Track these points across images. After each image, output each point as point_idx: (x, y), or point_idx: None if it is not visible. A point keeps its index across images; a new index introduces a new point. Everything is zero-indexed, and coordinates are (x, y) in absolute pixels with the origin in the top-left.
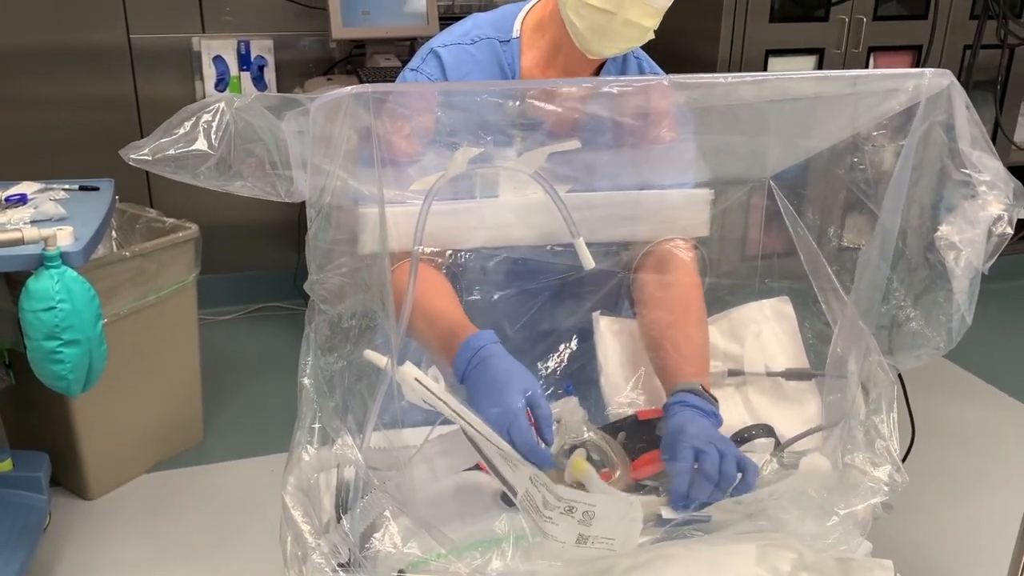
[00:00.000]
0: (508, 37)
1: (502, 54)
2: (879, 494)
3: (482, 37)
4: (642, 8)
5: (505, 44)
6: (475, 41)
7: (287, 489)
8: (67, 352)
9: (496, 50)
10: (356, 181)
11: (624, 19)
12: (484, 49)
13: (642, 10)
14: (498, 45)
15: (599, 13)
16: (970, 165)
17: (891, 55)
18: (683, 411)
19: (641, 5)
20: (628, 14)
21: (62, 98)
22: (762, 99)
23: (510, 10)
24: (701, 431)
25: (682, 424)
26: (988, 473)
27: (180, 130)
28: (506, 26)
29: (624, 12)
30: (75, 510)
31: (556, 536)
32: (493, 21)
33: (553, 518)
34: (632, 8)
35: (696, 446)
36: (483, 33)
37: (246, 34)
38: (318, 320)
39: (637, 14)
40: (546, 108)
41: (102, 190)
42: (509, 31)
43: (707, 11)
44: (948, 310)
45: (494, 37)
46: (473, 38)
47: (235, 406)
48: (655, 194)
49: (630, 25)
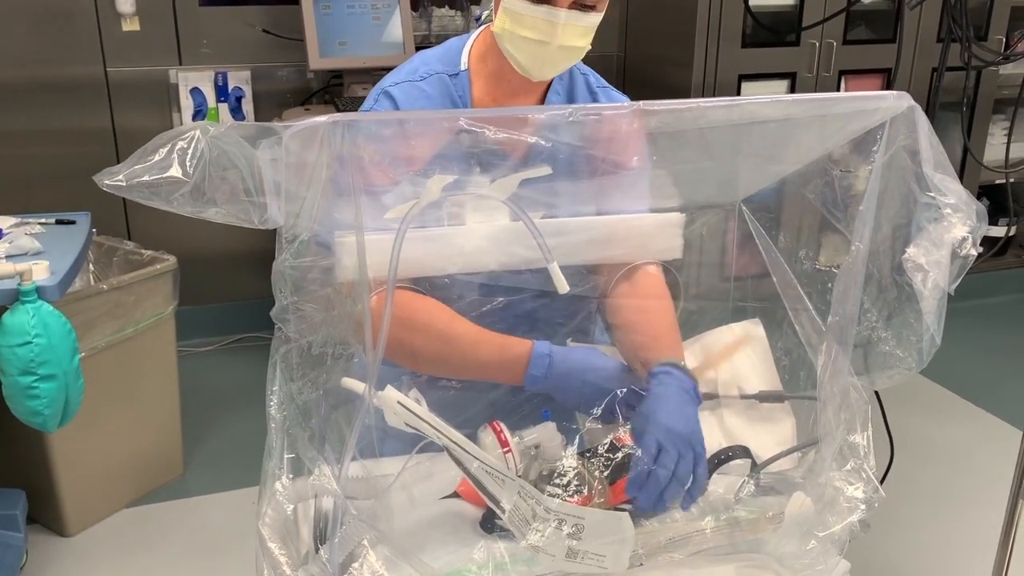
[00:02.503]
0: (456, 70)
1: (452, 87)
2: (856, 512)
3: (431, 73)
4: (573, 30)
5: (454, 77)
6: (424, 77)
7: (263, 521)
8: (43, 387)
9: (446, 84)
10: (331, 209)
11: (559, 45)
12: (434, 84)
13: (573, 31)
14: (447, 79)
15: (535, 44)
16: (934, 188)
17: (861, 78)
18: (665, 383)
19: (572, 28)
20: (562, 40)
21: (39, 131)
22: (732, 123)
23: (455, 44)
24: (672, 420)
25: (658, 403)
26: (966, 488)
27: (155, 156)
28: (453, 60)
29: (558, 40)
30: (52, 547)
31: (546, 550)
32: (440, 56)
33: (543, 532)
34: (564, 34)
35: (660, 440)
36: (431, 69)
37: (223, 66)
38: (285, 349)
39: (570, 37)
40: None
41: (79, 223)
42: (457, 64)
43: (680, 38)
44: (918, 330)
45: (443, 72)
46: (422, 75)
47: (215, 438)
48: (627, 218)
49: (565, 49)
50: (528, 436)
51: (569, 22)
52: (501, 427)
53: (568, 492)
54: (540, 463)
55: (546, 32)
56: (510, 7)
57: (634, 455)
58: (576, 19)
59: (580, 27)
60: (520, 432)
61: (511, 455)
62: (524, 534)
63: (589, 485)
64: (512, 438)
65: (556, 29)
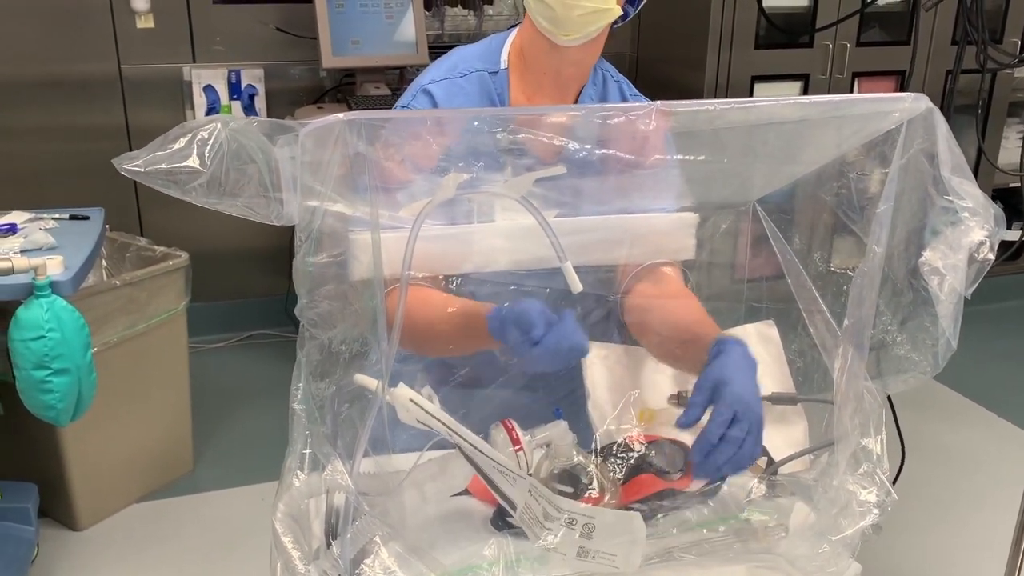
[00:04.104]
0: (496, 68)
1: (492, 85)
2: (869, 516)
3: (470, 70)
4: None
5: (494, 75)
6: (464, 75)
7: (277, 515)
8: (56, 381)
9: (486, 82)
10: (347, 206)
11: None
12: (473, 82)
13: None
14: (487, 77)
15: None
16: (952, 192)
17: (875, 80)
18: (733, 352)
19: None
20: None
21: (53, 127)
22: (748, 124)
23: (496, 41)
24: (745, 392)
25: (732, 372)
26: (977, 492)
27: (175, 145)
28: (493, 57)
29: None
30: (64, 541)
31: (557, 549)
32: (480, 53)
33: (554, 530)
34: None
35: (736, 410)
36: (471, 66)
37: (237, 63)
38: (309, 345)
39: None
40: (534, 135)
41: (92, 219)
42: (497, 62)
43: (693, 38)
44: (934, 334)
45: (482, 69)
46: (461, 71)
47: (225, 434)
48: (642, 218)
49: (588, 9)
50: (539, 434)
51: None
52: (513, 425)
53: (579, 491)
54: (551, 461)
55: None
56: None
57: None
58: None
59: None
60: (532, 430)
61: (523, 453)
62: (536, 533)
63: (601, 484)
64: (524, 436)
65: None
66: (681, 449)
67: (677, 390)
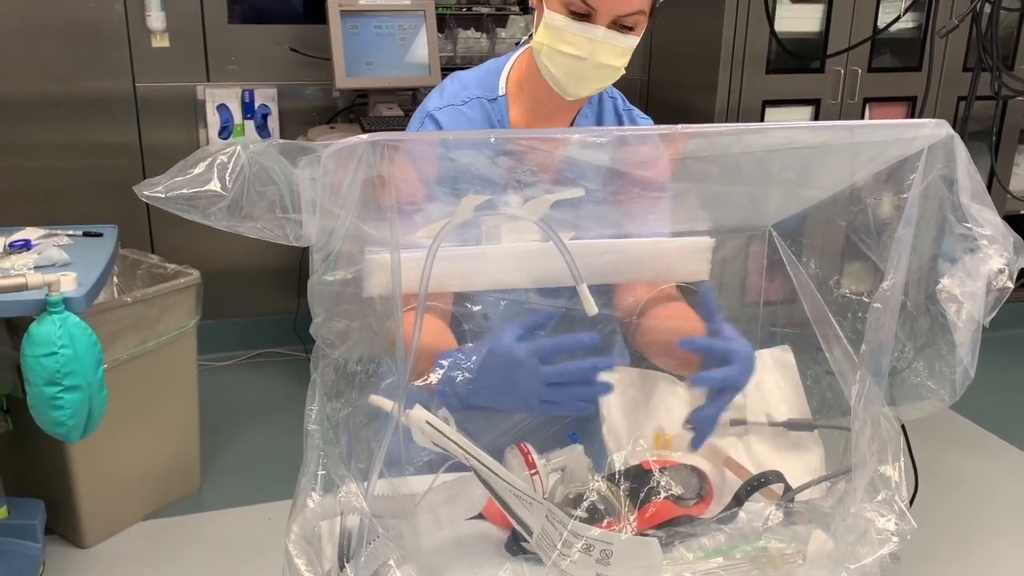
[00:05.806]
0: (495, 95)
1: (491, 112)
2: (888, 545)
3: (471, 97)
4: (611, 49)
5: (493, 102)
6: (466, 102)
7: (291, 537)
8: (67, 398)
9: (486, 109)
10: (365, 226)
11: (596, 62)
12: (475, 108)
13: (611, 51)
14: (487, 104)
15: (573, 60)
16: (971, 219)
17: (886, 106)
18: None
19: (610, 47)
20: (600, 58)
21: (68, 145)
22: (766, 148)
23: (492, 67)
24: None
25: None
26: (992, 523)
27: (195, 170)
28: (491, 84)
29: (596, 56)
30: (70, 558)
31: (574, 574)
32: (477, 80)
33: (571, 556)
34: (602, 52)
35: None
36: (471, 94)
37: (250, 83)
38: (324, 365)
39: (607, 56)
40: (551, 157)
41: (106, 236)
42: (495, 89)
43: (705, 63)
44: (951, 362)
45: (482, 96)
46: (463, 99)
47: (233, 453)
48: (657, 241)
49: (602, 67)
50: (555, 458)
51: (607, 41)
52: (529, 449)
53: (595, 516)
54: (566, 486)
55: (584, 48)
56: (551, 22)
57: None
58: (613, 39)
59: (617, 47)
60: (547, 454)
61: (538, 477)
62: (551, 558)
63: (616, 510)
64: (539, 460)
65: (594, 46)
66: (697, 474)
67: None
